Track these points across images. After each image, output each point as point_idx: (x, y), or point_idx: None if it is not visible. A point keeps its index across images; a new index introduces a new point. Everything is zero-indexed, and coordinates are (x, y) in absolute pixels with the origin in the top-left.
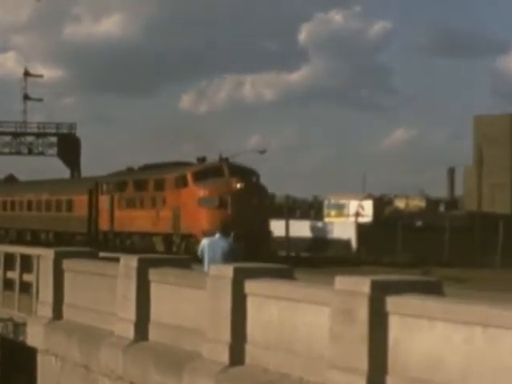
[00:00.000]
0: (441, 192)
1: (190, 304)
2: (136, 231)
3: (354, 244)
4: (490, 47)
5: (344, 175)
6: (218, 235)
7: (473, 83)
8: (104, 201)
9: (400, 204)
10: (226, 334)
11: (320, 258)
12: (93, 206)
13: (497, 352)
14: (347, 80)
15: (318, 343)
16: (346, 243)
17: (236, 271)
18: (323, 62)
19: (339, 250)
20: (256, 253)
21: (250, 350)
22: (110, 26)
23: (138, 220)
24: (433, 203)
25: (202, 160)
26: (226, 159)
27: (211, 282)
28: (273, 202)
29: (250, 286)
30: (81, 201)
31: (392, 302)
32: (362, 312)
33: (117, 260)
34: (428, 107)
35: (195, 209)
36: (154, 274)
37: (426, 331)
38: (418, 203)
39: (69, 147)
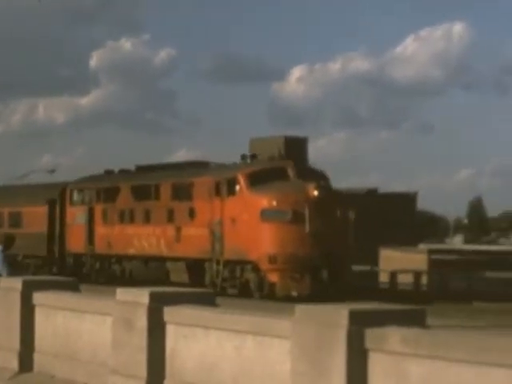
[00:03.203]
0: None
1: None
2: (134, 254)
3: None
4: (269, 74)
5: None
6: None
7: (252, 107)
8: (74, 214)
9: None
10: (15, 343)
11: None
12: (56, 220)
13: (265, 359)
14: (135, 104)
15: (102, 351)
16: None
17: (24, 284)
18: (112, 87)
19: None
20: (335, 280)
21: (38, 357)
22: None
23: (141, 239)
24: None
25: (251, 158)
26: (280, 155)
27: (1, 293)
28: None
29: (38, 297)
30: (35, 213)
31: (169, 312)
32: (141, 321)
33: None
34: (210, 129)
35: (255, 224)
36: None
37: (200, 339)
38: None
39: None
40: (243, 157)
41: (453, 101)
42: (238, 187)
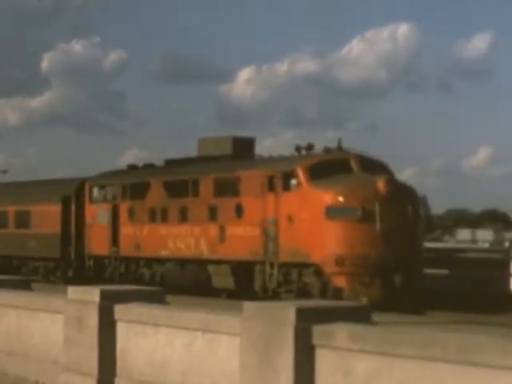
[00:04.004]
0: None
1: None
2: (168, 257)
3: None
4: (217, 75)
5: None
6: None
7: (201, 108)
8: (95, 212)
9: None
10: None
11: None
12: (71, 219)
13: (215, 356)
14: (85, 105)
15: (54, 349)
16: None
17: None
18: (64, 89)
19: None
20: (409, 285)
21: None
22: None
23: (176, 240)
24: None
25: (307, 148)
26: (339, 146)
27: None
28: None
29: None
30: (47, 212)
31: (120, 310)
32: (92, 320)
33: None
34: (160, 130)
35: (318, 223)
36: None
37: (150, 337)
38: None
39: None
40: (298, 148)
41: (398, 101)
42: (295, 181)
